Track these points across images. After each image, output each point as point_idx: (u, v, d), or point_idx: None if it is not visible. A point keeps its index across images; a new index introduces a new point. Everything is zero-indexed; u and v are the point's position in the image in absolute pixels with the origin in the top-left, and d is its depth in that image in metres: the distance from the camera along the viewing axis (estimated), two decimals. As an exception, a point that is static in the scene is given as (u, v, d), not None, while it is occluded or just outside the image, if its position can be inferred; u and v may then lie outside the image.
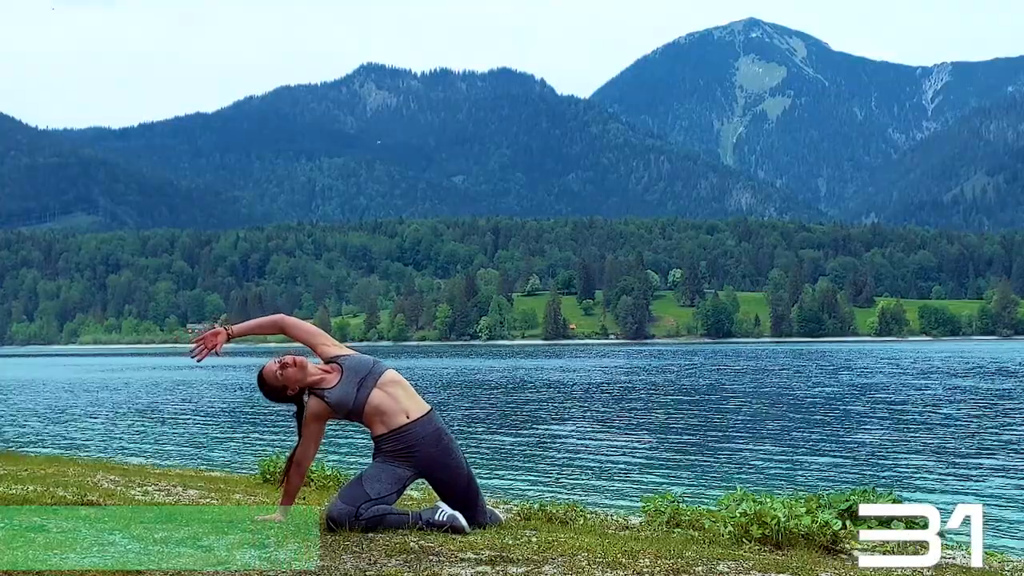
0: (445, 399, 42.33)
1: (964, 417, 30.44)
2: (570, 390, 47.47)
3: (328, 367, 5.92)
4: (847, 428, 27.83)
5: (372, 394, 5.80)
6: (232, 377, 65.80)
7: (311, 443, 5.91)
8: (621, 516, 8.02)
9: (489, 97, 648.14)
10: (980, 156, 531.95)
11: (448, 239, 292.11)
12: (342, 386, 5.80)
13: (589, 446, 23.68)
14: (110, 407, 40.12)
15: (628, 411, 34.70)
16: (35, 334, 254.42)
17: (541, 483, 17.58)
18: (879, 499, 6.82)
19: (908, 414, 31.79)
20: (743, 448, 23.15)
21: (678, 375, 61.81)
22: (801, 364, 77.19)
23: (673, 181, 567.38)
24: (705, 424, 29.53)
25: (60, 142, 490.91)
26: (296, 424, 5.95)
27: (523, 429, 28.47)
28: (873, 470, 19.11)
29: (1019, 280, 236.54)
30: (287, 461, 6.02)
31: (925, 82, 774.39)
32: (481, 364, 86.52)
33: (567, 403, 39.09)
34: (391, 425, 5.81)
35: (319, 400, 5.82)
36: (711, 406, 36.62)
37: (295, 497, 6.10)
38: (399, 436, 5.80)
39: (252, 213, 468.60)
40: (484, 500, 6.24)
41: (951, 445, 23.09)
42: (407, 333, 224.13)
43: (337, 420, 5.93)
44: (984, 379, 52.49)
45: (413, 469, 5.85)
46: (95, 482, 9.38)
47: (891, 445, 23.30)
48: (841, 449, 22.72)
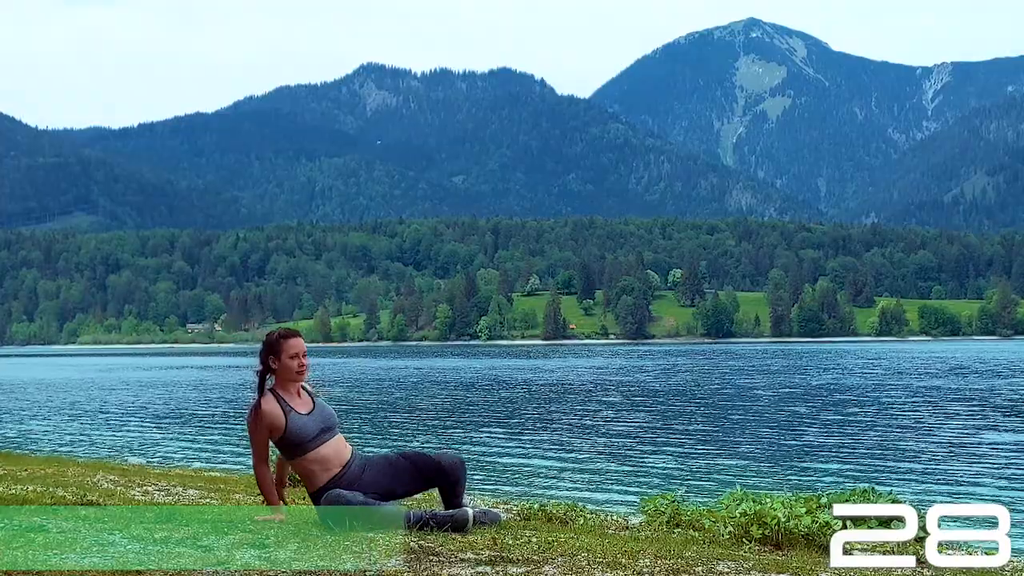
0: (445, 399, 42.32)
1: (964, 417, 30.44)
2: (570, 390, 47.46)
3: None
4: (847, 428, 27.82)
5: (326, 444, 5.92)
6: (232, 377, 65.81)
7: (263, 454, 5.99)
8: (621, 516, 8.01)
9: (489, 97, 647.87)
10: (980, 156, 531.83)
11: (448, 239, 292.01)
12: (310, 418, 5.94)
13: (589, 446, 23.67)
14: (110, 407, 40.11)
15: (628, 411, 34.69)
16: (35, 334, 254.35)
17: (541, 483, 17.57)
18: (879, 499, 6.81)
19: (908, 414, 31.78)
20: (743, 448, 23.14)
21: (678, 375, 61.79)
22: (801, 364, 77.17)
23: (673, 181, 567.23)
24: (705, 424, 29.52)
25: (60, 142, 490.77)
26: (258, 382, 6.01)
27: (523, 429, 28.47)
28: (873, 470, 19.11)
29: (1019, 280, 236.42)
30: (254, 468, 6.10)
31: (925, 82, 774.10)
32: (481, 364, 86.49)
33: (567, 403, 39.08)
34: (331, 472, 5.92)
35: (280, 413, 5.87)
36: (711, 406, 36.61)
37: (279, 495, 6.13)
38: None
39: (252, 213, 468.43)
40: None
41: (952, 445, 23.08)
42: (407, 333, 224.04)
43: (272, 441, 5.95)
44: (984, 379, 52.49)
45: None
46: (95, 482, 9.37)
47: (891, 445, 23.29)
48: (841, 449, 22.71)
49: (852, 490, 7.12)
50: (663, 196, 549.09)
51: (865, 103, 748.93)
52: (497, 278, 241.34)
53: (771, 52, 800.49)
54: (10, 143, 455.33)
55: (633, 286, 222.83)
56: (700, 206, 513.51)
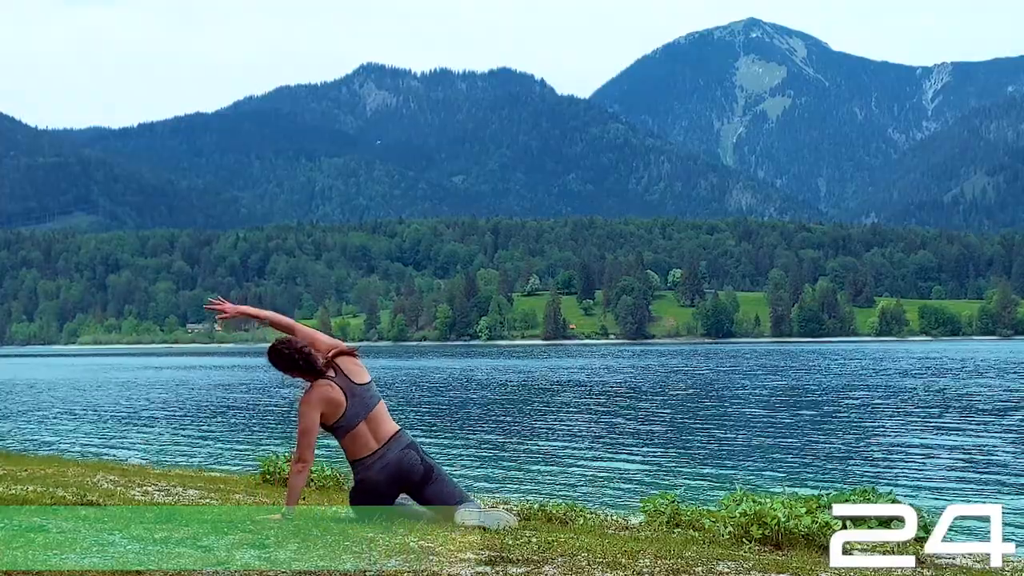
0: (445, 399, 42.32)
1: (963, 417, 30.44)
2: (570, 390, 47.46)
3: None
4: (847, 428, 27.82)
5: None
6: (232, 377, 65.82)
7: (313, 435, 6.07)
8: (621, 516, 8.01)
9: (489, 97, 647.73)
10: (980, 156, 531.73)
11: (448, 239, 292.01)
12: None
13: (589, 446, 23.67)
14: (110, 407, 40.11)
15: (627, 411, 34.69)
16: (35, 334, 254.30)
17: (541, 483, 17.57)
18: (879, 499, 6.81)
19: (908, 414, 31.78)
20: (743, 448, 23.15)
21: (678, 375, 61.79)
22: (801, 364, 77.16)
23: (673, 181, 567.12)
24: (705, 424, 29.51)
25: (60, 142, 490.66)
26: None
27: (523, 429, 28.47)
28: (873, 470, 19.11)
29: (1019, 280, 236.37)
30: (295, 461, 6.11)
31: (925, 82, 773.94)
32: (481, 364, 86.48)
33: (567, 403, 39.09)
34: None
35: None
36: (711, 406, 36.61)
37: (298, 497, 6.16)
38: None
39: (252, 213, 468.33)
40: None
41: (951, 445, 23.08)
42: (407, 333, 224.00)
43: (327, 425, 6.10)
44: (984, 379, 52.49)
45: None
46: (95, 482, 9.37)
47: (891, 445, 23.29)
48: (841, 449, 22.72)
49: (852, 490, 7.12)
50: (663, 196, 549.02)
51: (865, 103, 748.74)
52: (497, 278, 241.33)
53: (771, 52, 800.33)
54: (10, 143, 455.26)
55: (633, 286, 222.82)
56: (700, 206, 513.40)
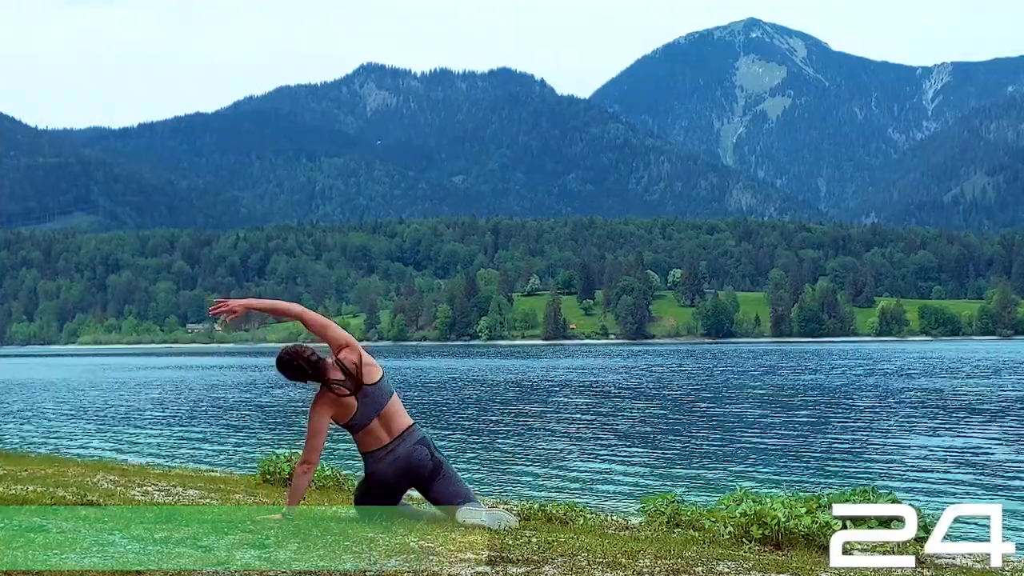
0: (445, 399, 42.32)
1: (963, 417, 30.44)
2: (570, 390, 47.46)
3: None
4: (847, 428, 27.83)
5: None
6: (231, 377, 65.84)
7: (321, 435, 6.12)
8: (621, 516, 8.02)
9: (489, 97, 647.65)
10: (980, 156, 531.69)
11: (448, 239, 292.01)
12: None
13: (589, 446, 23.67)
14: (110, 407, 40.10)
15: (628, 411, 34.69)
16: (35, 334, 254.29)
17: (541, 483, 17.57)
18: (879, 499, 6.82)
19: (908, 414, 31.79)
20: (743, 448, 23.15)
21: (678, 375, 61.80)
22: (801, 364, 77.17)
23: (673, 181, 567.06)
24: (705, 424, 29.51)
25: (60, 142, 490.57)
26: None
27: (523, 429, 28.47)
28: (873, 470, 19.11)
29: (1019, 280, 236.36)
30: (301, 463, 6.12)
31: (925, 82, 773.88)
32: (481, 364, 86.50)
33: (567, 403, 39.09)
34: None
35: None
36: (710, 406, 36.61)
37: (300, 498, 6.18)
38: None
39: (252, 213, 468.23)
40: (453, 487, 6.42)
41: (951, 445, 23.08)
42: (407, 333, 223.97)
43: (339, 423, 6.10)
44: (984, 379, 52.49)
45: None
46: (95, 482, 9.37)
47: (891, 445, 23.29)
48: (841, 449, 22.72)
49: (852, 490, 7.13)
50: (663, 196, 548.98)
51: (865, 103, 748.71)
52: (497, 278, 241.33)
53: (771, 52, 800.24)
54: (10, 143, 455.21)
55: (633, 286, 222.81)
56: (700, 206, 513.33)
